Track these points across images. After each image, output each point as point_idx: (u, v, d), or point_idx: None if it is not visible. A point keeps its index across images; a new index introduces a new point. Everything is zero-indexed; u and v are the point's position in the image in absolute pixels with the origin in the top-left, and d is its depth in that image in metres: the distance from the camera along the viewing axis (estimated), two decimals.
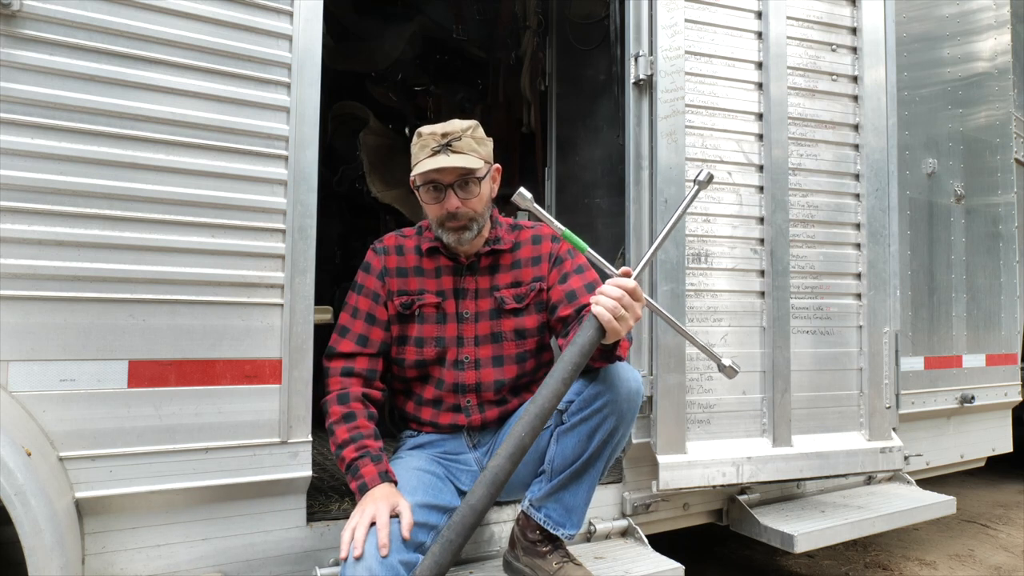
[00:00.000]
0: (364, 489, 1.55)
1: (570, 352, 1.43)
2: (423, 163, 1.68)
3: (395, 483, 1.59)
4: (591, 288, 1.76)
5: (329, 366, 1.75)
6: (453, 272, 1.82)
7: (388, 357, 1.83)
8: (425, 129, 1.72)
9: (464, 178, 1.70)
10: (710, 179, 1.62)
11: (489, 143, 1.78)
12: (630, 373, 1.66)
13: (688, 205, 1.64)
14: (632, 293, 1.46)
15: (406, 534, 1.43)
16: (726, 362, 1.57)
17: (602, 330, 1.45)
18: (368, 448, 1.61)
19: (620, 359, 1.63)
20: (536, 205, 1.52)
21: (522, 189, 1.52)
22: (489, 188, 1.79)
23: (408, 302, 1.79)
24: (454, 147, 1.67)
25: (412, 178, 1.77)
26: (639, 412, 1.71)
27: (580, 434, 1.64)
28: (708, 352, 1.59)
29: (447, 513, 1.62)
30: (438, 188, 1.71)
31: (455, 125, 1.71)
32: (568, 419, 1.66)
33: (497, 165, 1.82)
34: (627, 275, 1.50)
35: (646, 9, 2.28)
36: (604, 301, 1.44)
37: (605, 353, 1.57)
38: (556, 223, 1.54)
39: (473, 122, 1.75)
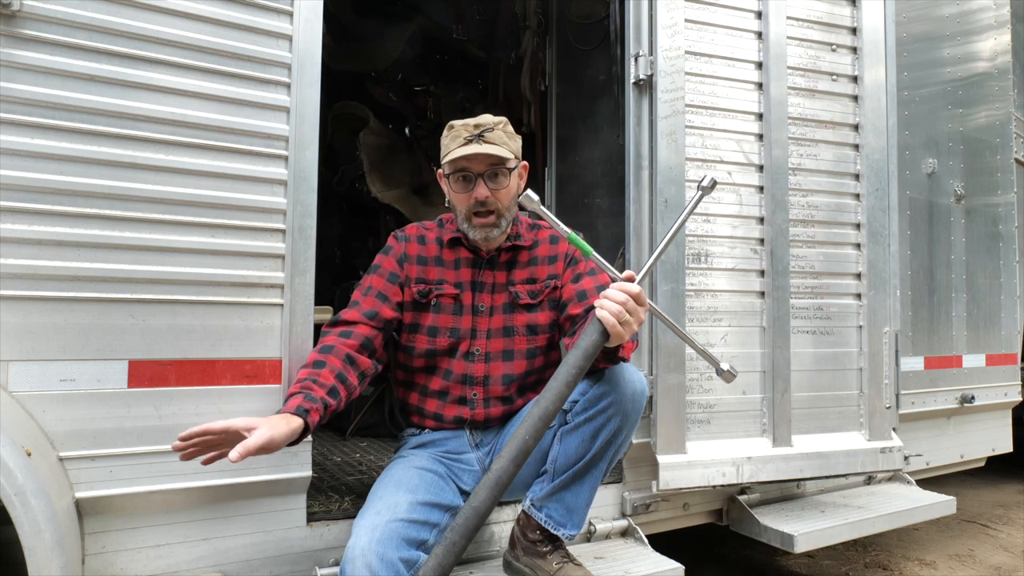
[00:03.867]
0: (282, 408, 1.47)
1: (574, 355, 1.43)
2: (455, 151, 1.70)
3: (307, 426, 1.45)
4: (602, 290, 1.76)
5: (327, 328, 1.71)
6: (472, 265, 1.83)
7: (394, 343, 1.83)
8: (457, 121, 1.75)
9: (494, 169, 1.72)
10: (713, 185, 1.61)
11: (518, 140, 1.81)
12: (634, 374, 1.67)
13: (692, 210, 1.63)
14: (636, 298, 1.45)
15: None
16: (724, 366, 1.57)
17: (606, 334, 1.45)
18: (311, 389, 1.51)
19: (624, 360, 1.63)
20: (542, 207, 1.52)
21: (529, 191, 1.52)
22: (517, 183, 1.81)
23: (425, 290, 1.80)
24: (486, 137, 1.69)
25: (441, 168, 1.78)
26: None
27: (584, 434, 1.65)
28: (707, 356, 1.59)
29: (448, 512, 1.62)
30: (468, 178, 1.73)
31: (487, 118, 1.74)
32: (572, 419, 1.67)
33: (525, 163, 1.84)
34: (631, 279, 1.50)
35: (646, 9, 2.28)
36: (608, 305, 1.44)
37: (609, 355, 1.57)
38: (562, 226, 1.54)
39: (503, 118, 1.77)
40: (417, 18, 4.18)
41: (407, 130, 4.45)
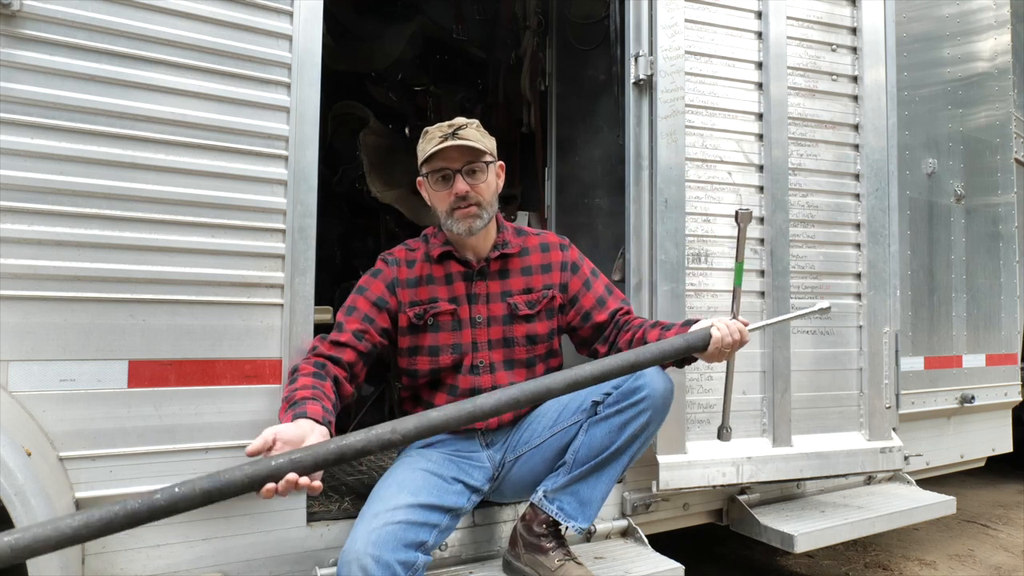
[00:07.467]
0: (298, 412, 1.43)
1: (670, 343, 1.54)
2: (431, 149, 1.73)
3: (328, 426, 1.44)
4: (611, 290, 1.88)
5: (318, 345, 1.68)
6: (464, 277, 1.82)
7: (395, 366, 1.83)
8: (431, 126, 1.78)
9: (471, 164, 1.74)
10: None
11: (493, 140, 1.82)
12: (666, 375, 1.73)
13: (797, 317, 1.86)
14: (741, 344, 1.65)
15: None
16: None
17: (705, 348, 1.58)
18: (322, 399, 1.50)
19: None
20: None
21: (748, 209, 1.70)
22: (496, 181, 1.82)
23: (420, 312, 1.78)
24: (460, 135, 1.72)
25: (420, 171, 1.80)
26: None
27: (612, 425, 1.67)
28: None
29: (449, 513, 1.62)
30: (446, 176, 1.75)
31: (460, 119, 1.77)
32: (603, 411, 1.70)
33: (500, 162, 1.85)
34: (745, 325, 1.67)
35: (646, 9, 2.28)
36: (727, 338, 1.60)
37: (682, 361, 1.68)
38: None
39: (476, 120, 1.80)
40: (417, 18, 4.17)
41: (407, 130, 4.45)
